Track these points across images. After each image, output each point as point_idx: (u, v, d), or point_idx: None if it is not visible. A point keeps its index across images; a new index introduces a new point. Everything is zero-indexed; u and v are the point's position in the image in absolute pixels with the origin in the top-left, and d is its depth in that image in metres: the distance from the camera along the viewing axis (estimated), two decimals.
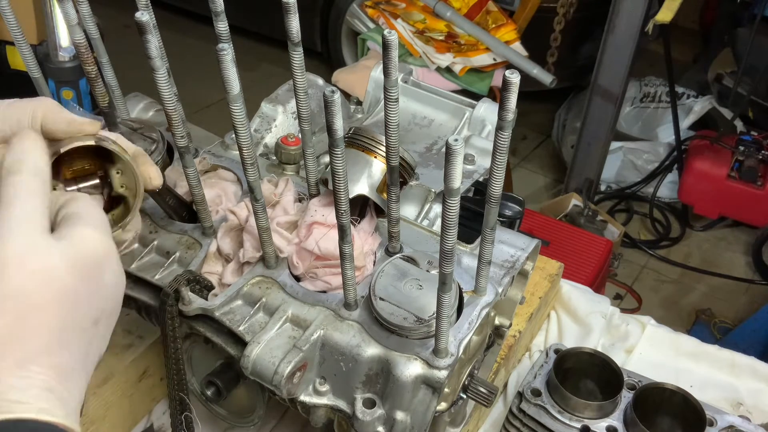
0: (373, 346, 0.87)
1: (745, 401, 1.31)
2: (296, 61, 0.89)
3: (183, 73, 1.79)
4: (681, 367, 1.37)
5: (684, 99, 3.87)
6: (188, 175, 0.89)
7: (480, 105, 1.25)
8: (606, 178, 3.82)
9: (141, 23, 0.69)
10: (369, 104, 1.32)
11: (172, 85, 0.86)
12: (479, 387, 0.98)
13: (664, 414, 1.14)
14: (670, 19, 2.79)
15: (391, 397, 0.87)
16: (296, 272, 0.95)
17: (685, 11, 3.02)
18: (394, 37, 0.76)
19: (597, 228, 3.32)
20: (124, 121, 1.05)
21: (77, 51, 0.86)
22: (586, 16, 3.65)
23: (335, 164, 0.76)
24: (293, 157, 1.09)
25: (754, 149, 3.46)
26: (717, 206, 3.60)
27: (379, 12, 3.31)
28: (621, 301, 3.28)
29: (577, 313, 1.45)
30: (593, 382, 1.20)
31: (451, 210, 0.69)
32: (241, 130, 0.81)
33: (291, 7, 0.83)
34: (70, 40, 1.94)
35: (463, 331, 0.89)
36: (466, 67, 3.08)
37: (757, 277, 3.47)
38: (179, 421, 0.97)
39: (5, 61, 2.55)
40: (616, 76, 3.24)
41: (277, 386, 0.85)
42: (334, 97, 0.70)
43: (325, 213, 0.95)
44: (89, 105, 2.40)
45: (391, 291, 0.88)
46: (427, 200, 1.09)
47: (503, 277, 0.98)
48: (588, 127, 3.45)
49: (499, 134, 0.71)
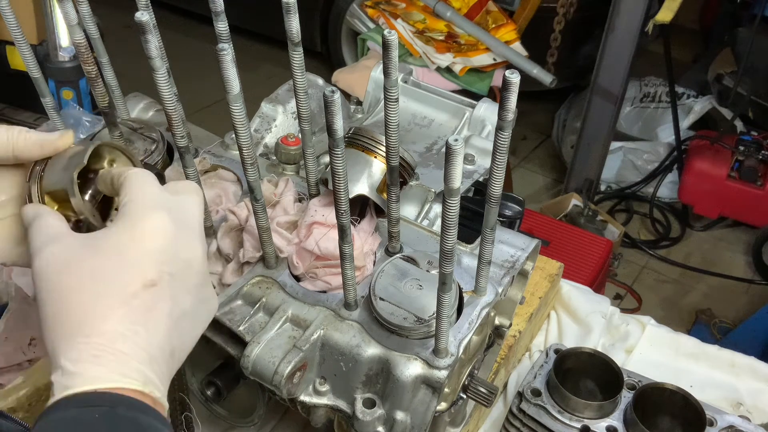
0: (373, 346, 0.87)
1: (745, 401, 1.31)
2: (296, 61, 0.89)
3: (183, 73, 1.79)
4: (681, 367, 1.37)
5: (684, 99, 3.86)
6: (188, 175, 0.89)
7: (480, 105, 1.25)
8: (606, 178, 3.82)
9: (141, 23, 0.69)
10: (369, 104, 1.32)
11: (172, 85, 0.86)
12: (479, 387, 0.98)
13: (664, 414, 1.14)
14: (670, 19, 2.78)
15: (391, 397, 0.87)
16: (296, 272, 0.95)
17: (685, 11, 3.01)
18: (394, 37, 0.76)
19: (597, 228, 3.32)
20: (124, 121, 1.05)
21: (77, 51, 0.86)
22: (586, 16, 3.65)
23: (335, 164, 0.76)
24: (293, 157, 1.09)
25: (754, 149, 3.46)
26: (717, 206, 3.60)
27: (379, 12, 3.31)
28: (621, 301, 3.28)
29: (577, 313, 1.45)
30: (593, 382, 1.20)
31: (451, 210, 0.69)
32: (241, 130, 0.81)
33: (291, 7, 0.83)
34: (70, 40, 1.94)
35: (463, 331, 0.89)
36: (466, 67, 3.08)
37: (757, 277, 3.47)
38: (179, 421, 0.97)
39: (5, 61, 2.55)
40: (616, 76, 3.24)
41: (277, 386, 0.85)
42: (334, 97, 0.70)
43: (325, 213, 0.95)
44: (89, 105, 2.40)
45: (391, 291, 0.88)
46: (427, 200, 1.09)
47: (503, 277, 0.98)
48: (588, 127, 3.44)
49: (499, 134, 0.71)
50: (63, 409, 0.52)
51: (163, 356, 0.58)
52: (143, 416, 0.54)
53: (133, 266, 0.59)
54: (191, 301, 0.62)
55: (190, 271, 0.63)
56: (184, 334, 0.62)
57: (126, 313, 0.56)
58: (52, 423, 0.52)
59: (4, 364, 1.10)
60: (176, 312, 0.60)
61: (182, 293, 0.61)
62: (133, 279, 0.58)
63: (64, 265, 0.58)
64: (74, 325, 0.56)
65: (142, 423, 0.53)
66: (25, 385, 0.94)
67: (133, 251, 0.59)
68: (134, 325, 0.56)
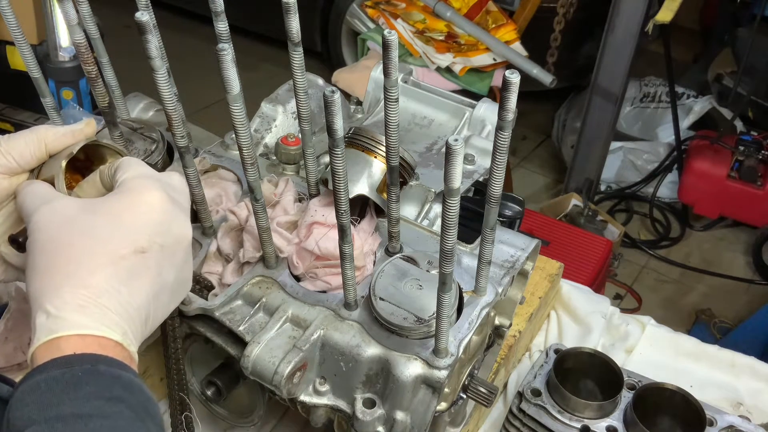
0: (373, 346, 0.87)
1: (745, 401, 1.31)
2: (296, 61, 0.89)
3: (183, 73, 1.79)
4: (681, 367, 1.37)
5: (684, 99, 3.86)
6: (188, 175, 0.89)
7: (480, 105, 1.25)
8: (606, 178, 3.82)
9: (141, 23, 0.69)
10: (369, 104, 1.32)
11: (172, 85, 0.86)
12: (479, 387, 0.98)
13: (664, 414, 1.14)
14: (670, 19, 2.78)
15: (391, 397, 0.87)
16: (296, 272, 0.95)
17: (685, 11, 3.01)
18: (394, 37, 0.76)
19: (597, 228, 3.32)
20: (124, 121, 1.05)
21: (77, 51, 0.86)
22: (586, 16, 3.65)
23: (335, 164, 0.76)
24: (293, 157, 1.09)
25: (754, 149, 3.46)
26: (717, 206, 3.60)
27: (379, 12, 3.31)
28: (621, 301, 3.28)
29: (577, 313, 1.45)
30: (593, 382, 1.20)
31: (451, 210, 0.69)
32: (241, 130, 0.81)
33: (291, 7, 0.83)
34: (70, 40, 1.94)
35: (463, 331, 0.89)
36: (466, 67, 3.08)
37: (757, 277, 3.47)
38: (179, 421, 0.97)
39: (5, 61, 2.55)
40: (616, 76, 3.24)
41: (277, 386, 0.85)
42: (334, 97, 0.70)
43: (325, 213, 0.95)
44: (89, 105, 2.40)
45: (391, 291, 0.88)
46: (427, 200, 1.09)
47: (503, 277, 0.98)
48: (588, 127, 3.44)
49: (499, 134, 0.71)
50: (46, 371, 0.55)
51: (140, 318, 0.62)
52: (123, 372, 0.57)
53: (128, 231, 0.62)
54: (174, 276, 0.66)
55: (179, 247, 0.66)
56: (160, 306, 0.65)
57: (113, 272, 0.60)
58: (37, 383, 0.54)
59: (4, 364, 1.10)
60: (158, 282, 0.64)
61: (167, 266, 0.65)
62: (125, 242, 0.61)
63: (62, 221, 0.62)
64: (63, 276, 0.59)
65: (122, 378, 0.56)
66: None
67: (128, 217, 0.63)
68: (119, 285, 0.60)
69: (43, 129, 0.72)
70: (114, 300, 0.59)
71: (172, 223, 0.65)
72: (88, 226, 0.61)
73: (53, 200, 0.64)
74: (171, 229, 0.65)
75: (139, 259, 0.62)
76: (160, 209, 0.64)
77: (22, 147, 0.70)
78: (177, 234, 0.66)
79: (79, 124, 0.74)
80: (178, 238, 0.66)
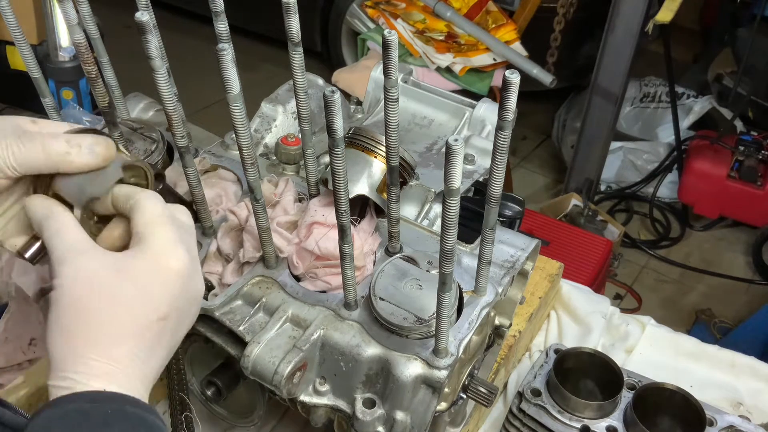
0: (373, 346, 0.87)
1: (745, 401, 1.31)
2: (296, 61, 0.89)
3: (183, 73, 1.79)
4: (681, 367, 1.37)
5: (684, 99, 3.86)
6: (188, 175, 0.89)
7: (480, 105, 1.25)
8: (606, 178, 3.82)
9: (141, 23, 0.69)
10: (369, 104, 1.32)
11: (172, 85, 0.86)
12: (479, 387, 0.98)
13: (664, 414, 1.14)
14: (670, 19, 2.78)
15: (391, 397, 0.87)
16: (296, 272, 0.95)
17: (685, 11, 3.01)
18: (394, 37, 0.76)
19: (597, 228, 3.32)
20: (124, 121, 1.05)
21: (77, 51, 0.86)
22: (586, 16, 3.65)
23: (335, 164, 0.76)
24: (293, 157, 1.09)
25: (754, 149, 3.46)
26: (717, 206, 3.60)
27: (379, 12, 3.31)
28: (621, 301, 3.28)
29: (577, 313, 1.45)
30: (593, 382, 1.20)
31: (451, 210, 0.69)
32: (241, 130, 0.81)
33: (291, 7, 0.83)
34: (70, 40, 1.94)
35: (463, 331, 0.89)
36: (466, 67, 3.08)
37: (757, 277, 3.47)
38: (179, 421, 0.97)
39: (5, 61, 2.55)
40: (616, 76, 3.24)
41: (277, 386, 0.85)
42: (334, 97, 0.70)
43: (325, 213, 0.95)
44: (89, 105, 2.40)
45: (391, 291, 0.88)
46: (427, 200, 1.09)
47: (503, 277, 0.98)
48: (588, 127, 3.44)
49: (499, 134, 0.71)
50: (73, 402, 0.56)
51: (154, 376, 0.64)
52: (148, 414, 0.58)
53: (153, 299, 0.63)
54: (185, 331, 0.68)
55: (194, 308, 0.68)
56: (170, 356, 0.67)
57: (139, 342, 0.61)
58: (64, 412, 0.55)
59: (4, 364, 1.10)
60: (174, 341, 0.66)
61: (182, 327, 0.67)
62: (151, 312, 0.62)
63: (89, 283, 0.61)
64: (89, 342, 0.59)
65: (147, 420, 0.58)
66: (25, 385, 0.95)
67: (156, 284, 0.63)
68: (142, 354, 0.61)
69: (63, 159, 0.65)
70: (138, 369, 0.61)
71: (190, 284, 0.66)
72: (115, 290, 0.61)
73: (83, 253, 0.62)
74: (189, 291, 0.66)
75: (161, 327, 0.63)
76: (184, 274, 0.65)
77: (32, 163, 0.65)
78: (194, 295, 0.67)
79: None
80: (193, 299, 0.67)
